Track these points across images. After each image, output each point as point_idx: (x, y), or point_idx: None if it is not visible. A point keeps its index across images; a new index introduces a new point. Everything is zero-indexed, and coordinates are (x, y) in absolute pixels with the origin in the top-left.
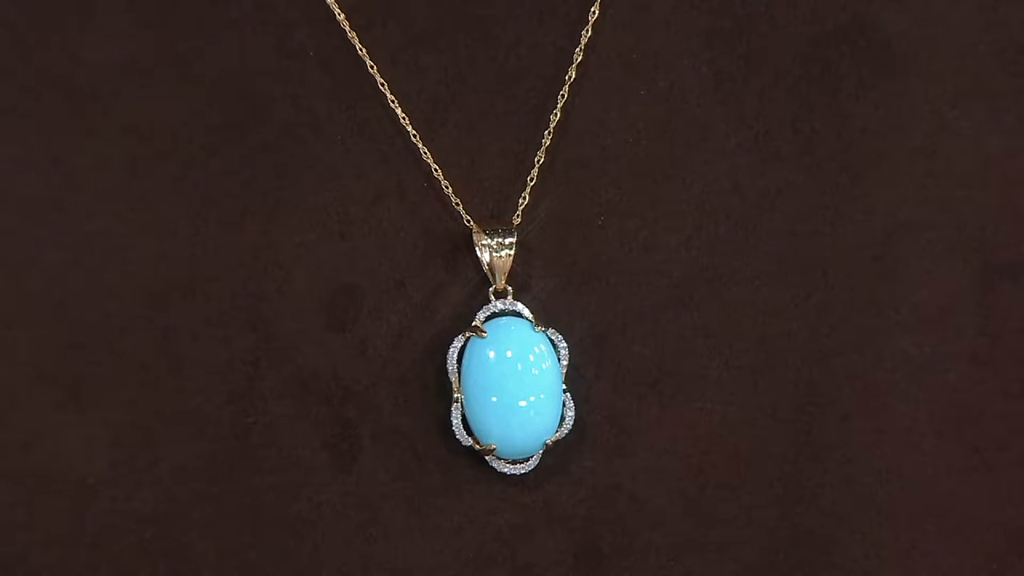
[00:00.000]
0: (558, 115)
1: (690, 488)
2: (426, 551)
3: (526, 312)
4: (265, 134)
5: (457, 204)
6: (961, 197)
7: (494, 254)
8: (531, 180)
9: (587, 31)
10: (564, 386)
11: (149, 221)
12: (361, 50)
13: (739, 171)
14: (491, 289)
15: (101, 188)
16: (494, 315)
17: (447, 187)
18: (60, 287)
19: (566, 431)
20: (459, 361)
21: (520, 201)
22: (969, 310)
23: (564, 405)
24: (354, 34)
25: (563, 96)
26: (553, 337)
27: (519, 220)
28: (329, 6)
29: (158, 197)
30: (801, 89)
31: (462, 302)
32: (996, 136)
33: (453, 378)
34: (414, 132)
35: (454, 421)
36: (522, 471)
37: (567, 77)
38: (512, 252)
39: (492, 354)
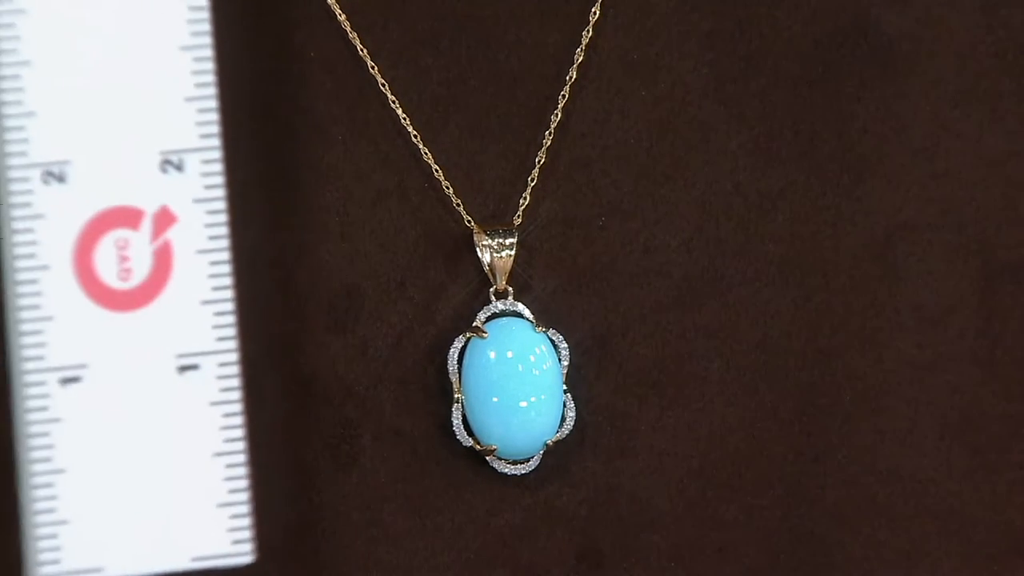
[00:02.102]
0: (559, 116)
1: (691, 489)
2: (427, 552)
3: (527, 313)
4: (266, 135)
5: (458, 205)
6: (962, 198)
7: (495, 255)
8: (532, 181)
9: (588, 32)
10: (565, 387)
11: None
12: (362, 51)
13: (740, 172)
14: (492, 290)
15: None
16: (495, 316)
17: (448, 188)
18: None
19: (567, 432)
20: (460, 362)
21: (521, 202)
22: (970, 311)
23: (565, 406)
24: (355, 35)
25: (564, 97)
26: (554, 338)
27: (520, 221)
28: (330, 7)
29: None
30: (802, 90)
31: (463, 303)
32: (997, 137)
33: (454, 379)
34: (415, 133)
35: (455, 422)
36: (523, 472)
37: (568, 78)
38: (513, 253)
39: (493, 355)
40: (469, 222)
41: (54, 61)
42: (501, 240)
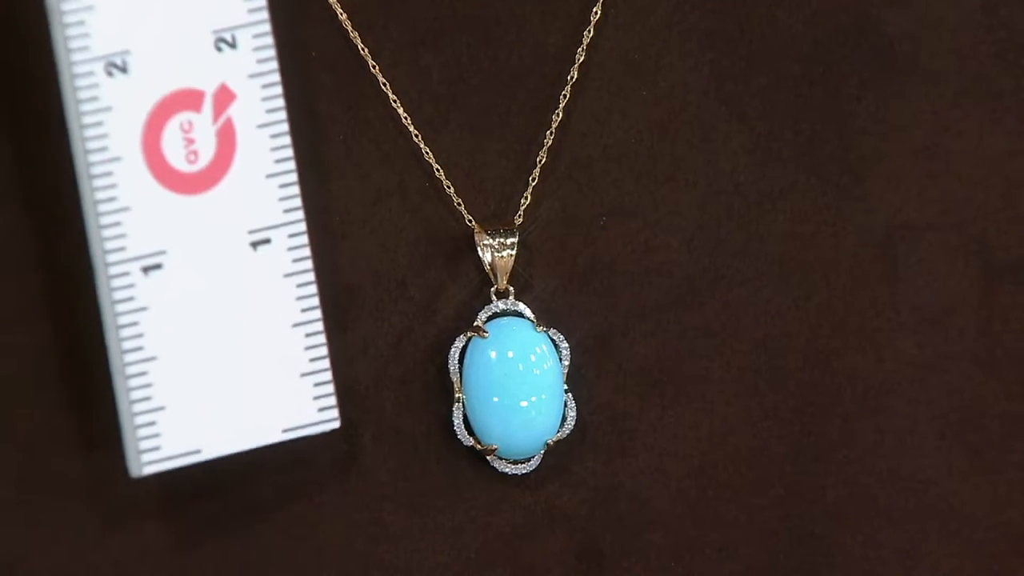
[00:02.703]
0: (560, 115)
1: (691, 489)
2: (427, 551)
3: (528, 312)
4: None
5: (459, 204)
6: (962, 198)
7: (496, 254)
8: (533, 180)
9: (589, 31)
10: (565, 386)
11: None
12: (363, 50)
13: (740, 172)
14: (492, 289)
15: None
16: (496, 315)
17: (449, 187)
18: (64, 287)
19: (567, 431)
20: (460, 361)
21: (522, 201)
22: (970, 311)
23: (565, 405)
24: (356, 34)
25: (565, 96)
26: (555, 337)
27: (521, 220)
28: (331, 7)
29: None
30: (802, 90)
31: (463, 302)
32: (997, 137)
33: (455, 378)
34: (416, 132)
35: (455, 421)
36: (523, 471)
37: (569, 77)
38: (514, 252)
39: (494, 354)
40: (470, 221)
41: None
42: (502, 239)
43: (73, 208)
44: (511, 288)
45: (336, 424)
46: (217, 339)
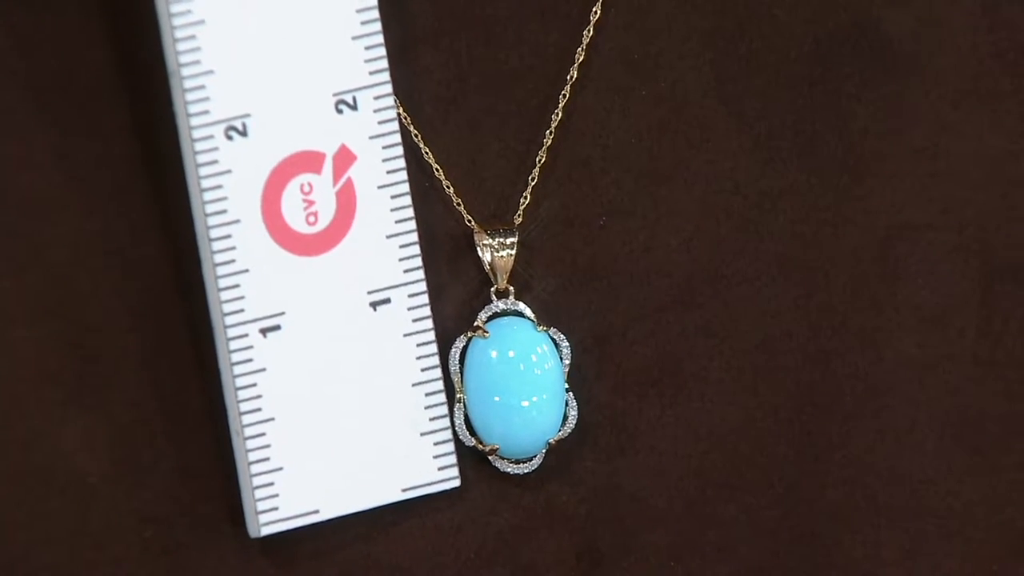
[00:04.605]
0: (559, 115)
1: (691, 488)
2: (427, 551)
3: (528, 312)
4: None
5: (458, 204)
6: (962, 198)
7: (495, 254)
8: (532, 180)
9: (589, 31)
10: (567, 386)
11: (151, 220)
12: None
13: (740, 171)
14: (492, 289)
15: (103, 187)
16: (496, 315)
17: (448, 187)
18: (62, 286)
19: (568, 431)
20: (461, 361)
21: (521, 201)
22: (970, 311)
23: (567, 405)
24: None
25: (565, 96)
26: (555, 337)
27: (520, 220)
28: None
29: (160, 195)
30: (803, 90)
31: (464, 302)
32: (997, 137)
33: (455, 378)
34: (415, 132)
35: (457, 421)
36: (524, 471)
37: (569, 77)
38: (513, 252)
39: (494, 354)
40: (470, 221)
41: (227, 17)
42: (502, 239)
43: (193, 271)
44: (511, 288)
45: (456, 483)
46: (336, 399)
